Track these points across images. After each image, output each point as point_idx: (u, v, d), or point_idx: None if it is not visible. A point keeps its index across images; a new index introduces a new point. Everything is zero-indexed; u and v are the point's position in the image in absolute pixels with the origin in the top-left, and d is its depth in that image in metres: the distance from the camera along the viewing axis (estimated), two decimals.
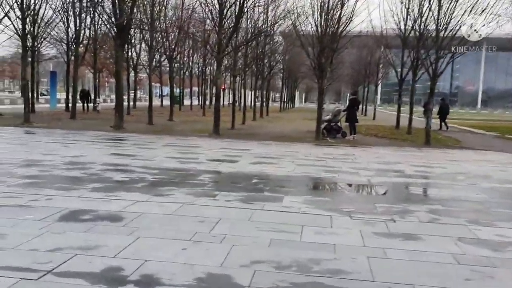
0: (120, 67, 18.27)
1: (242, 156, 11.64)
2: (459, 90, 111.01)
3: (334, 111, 18.63)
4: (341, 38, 17.46)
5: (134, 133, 17.00)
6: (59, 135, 15.27)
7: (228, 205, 6.39)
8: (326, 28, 16.65)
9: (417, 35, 19.70)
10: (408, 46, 21.40)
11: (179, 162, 10.27)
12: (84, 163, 9.53)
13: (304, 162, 11.01)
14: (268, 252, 4.57)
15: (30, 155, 10.32)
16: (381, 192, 8.23)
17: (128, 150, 12.14)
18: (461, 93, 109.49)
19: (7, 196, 6.42)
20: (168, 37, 23.48)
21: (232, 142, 15.32)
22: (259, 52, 24.28)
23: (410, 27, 20.40)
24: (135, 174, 8.46)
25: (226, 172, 9.16)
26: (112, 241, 4.67)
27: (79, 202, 6.24)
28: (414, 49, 20.74)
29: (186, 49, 32.46)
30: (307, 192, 7.65)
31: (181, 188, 7.36)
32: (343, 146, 15.39)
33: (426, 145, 16.77)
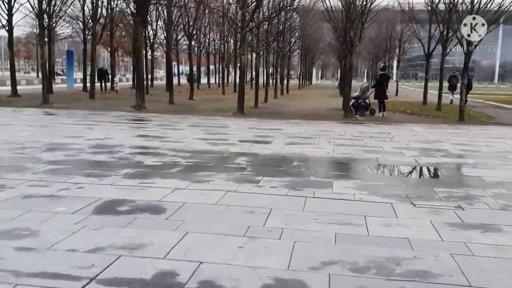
0: (140, 45, 17.62)
1: (274, 136, 11.02)
2: (475, 65, 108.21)
3: (362, 87, 17.86)
4: (370, 11, 16.55)
5: (157, 113, 16.45)
6: (80, 116, 14.77)
7: (275, 193, 5.80)
8: (355, 1, 15.84)
9: (448, 7, 18.70)
10: (437, 19, 20.35)
11: (210, 143, 9.69)
12: (111, 146, 9.00)
13: (341, 142, 10.36)
14: (336, 250, 3.98)
15: (53, 138, 9.82)
16: (435, 175, 7.57)
17: (154, 131, 11.59)
18: (477, 68, 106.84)
19: (35, 185, 5.91)
20: (187, 13, 22.68)
21: (259, 121, 14.69)
22: (280, 29, 23.45)
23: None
24: (167, 158, 7.90)
25: (262, 154, 8.56)
26: (158, 238, 4.12)
27: (113, 190, 5.70)
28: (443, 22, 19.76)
29: (204, 25, 31.54)
30: (356, 176, 7.02)
31: (219, 173, 6.78)
32: (375, 124, 14.69)
33: (460, 121, 16.00)
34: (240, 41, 17.17)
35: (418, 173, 7.66)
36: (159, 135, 10.76)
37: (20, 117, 14.30)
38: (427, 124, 14.89)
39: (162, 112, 17.02)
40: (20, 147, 8.58)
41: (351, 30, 16.24)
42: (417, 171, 7.76)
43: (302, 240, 4.15)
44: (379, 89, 17.49)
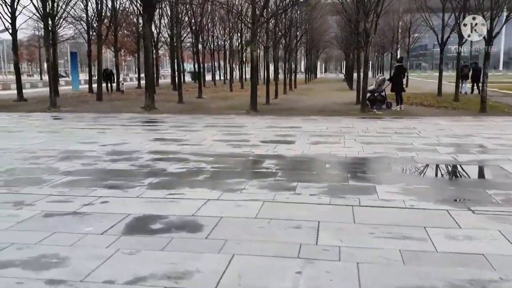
0: (148, 44, 17.11)
1: (296, 135, 10.52)
2: (479, 52, 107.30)
3: (378, 80, 17.32)
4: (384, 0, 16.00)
5: (168, 114, 15.99)
6: (91, 119, 14.31)
7: (317, 201, 5.31)
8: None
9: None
10: (452, 6, 19.75)
11: (232, 145, 9.21)
12: (128, 152, 8.53)
13: (367, 140, 9.85)
14: (408, 272, 3.50)
15: (67, 145, 9.35)
16: (481, 174, 7.07)
17: (170, 133, 11.11)
18: (481, 55, 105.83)
19: (55, 200, 5.44)
20: (193, 9, 22.15)
21: (275, 119, 14.20)
22: (289, 23, 22.93)
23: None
24: (190, 164, 7.42)
25: (289, 156, 8.06)
26: (202, 263, 3.65)
27: (140, 204, 5.23)
28: (459, 9, 19.18)
29: (209, 22, 31.00)
30: (398, 179, 6.51)
31: (250, 180, 6.30)
32: (395, 118, 14.16)
33: (482, 112, 15.44)
34: (251, 36, 16.64)
35: (463, 173, 7.16)
36: (176, 138, 10.28)
37: (29, 122, 13.86)
38: (450, 117, 14.35)
39: (173, 112, 16.55)
40: (33, 156, 8.13)
41: (366, 22, 15.66)
42: (460, 170, 7.26)
43: (365, 261, 3.67)
44: (396, 81, 16.95)
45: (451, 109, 17.02)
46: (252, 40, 16.48)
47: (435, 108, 17.48)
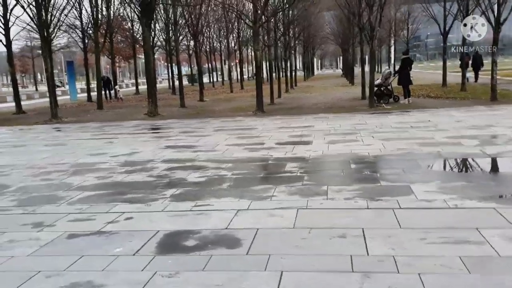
0: (148, 48, 16.79)
1: (311, 135, 10.22)
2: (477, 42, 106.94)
3: (384, 74, 17.02)
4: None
5: (173, 119, 15.68)
6: (96, 129, 13.99)
7: (354, 206, 5.01)
8: None
9: None
10: None
11: (247, 150, 8.91)
12: (142, 162, 8.22)
13: (386, 136, 9.56)
14: (479, 283, 3.20)
15: (77, 158, 9.04)
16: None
17: (180, 140, 10.80)
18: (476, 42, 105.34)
19: (76, 219, 5.14)
20: (190, 11, 21.82)
21: (284, 119, 13.90)
22: (288, 21, 22.63)
23: None
24: (209, 171, 7.11)
25: (311, 158, 7.75)
26: (250, 283, 3.37)
27: (167, 219, 4.93)
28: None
29: (207, 23, 30.67)
30: (431, 176, 6.21)
31: (277, 186, 5.99)
32: (405, 112, 13.88)
33: (494, 101, 15.16)
34: (254, 36, 16.31)
35: (496, 166, 6.86)
36: (188, 144, 9.98)
37: (32, 135, 13.54)
38: (462, 108, 14.06)
39: (178, 117, 16.25)
40: (44, 172, 7.81)
41: (371, 14, 15.36)
42: (493, 163, 6.96)
43: (427, 272, 3.38)
44: (403, 74, 16.66)
45: (460, 99, 16.74)
46: (255, 40, 16.15)
47: (443, 99, 17.20)
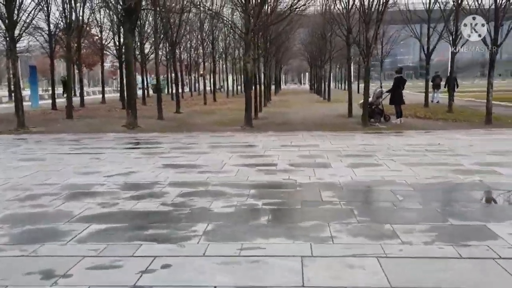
0: (130, 56, 15.56)
1: (324, 156, 9.37)
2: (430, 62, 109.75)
3: (376, 93, 16.45)
4: (385, 11, 15.14)
5: (155, 132, 14.52)
6: (73, 142, 12.66)
7: (445, 254, 4.17)
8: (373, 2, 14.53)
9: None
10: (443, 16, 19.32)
11: (263, 172, 7.95)
12: (146, 184, 7.12)
13: (407, 160, 8.82)
14: None
15: (64, 177, 7.82)
16: None
17: (177, 157, 9.70)
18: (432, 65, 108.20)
19: (96, 265, 4.04)
20: (169, 19, 20.74)
21: (279, 135, 13.05)
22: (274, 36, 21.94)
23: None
24: (234, 200, 6.11)
25: (342, 185, 6.87)
26: None
27: (219, 270, 3.93)
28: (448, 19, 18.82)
29: (187, 32, 29.56)
30: (502, 213, 5.43)
31: (329, 222, 5.08)
32: (403, 132, 13.31)
33: (488, 124, 14.84)
34: (245, 47, 15.41)
35: None
36: (189, 163, 8.92)
37: (1, 147, 12.06)
38: (461, 130, 13.65)
39: (159, 130, 15.09)
40: (31, 196, 6.59)
41: (367, 31, 14.79)
42: None
43: None
44: (395, 93, 16.13)
45: (451, 121, 16.35)
46: (246, 51, 15.24)
47: (434, 120, 16.79)
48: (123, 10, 14.92)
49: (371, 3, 14.42)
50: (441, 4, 20.06)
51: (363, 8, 14.64)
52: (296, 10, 16.77)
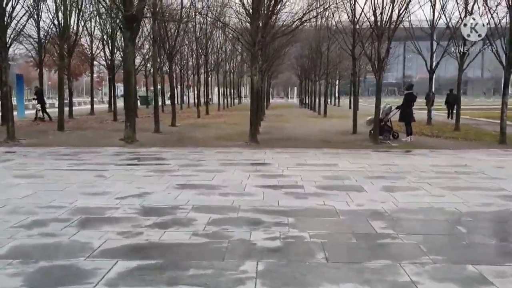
0: (130, 66, 14.70)
1: (350, 178, 8.69)
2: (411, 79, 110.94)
3: (385, 110, 15.83)
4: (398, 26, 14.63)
5: (156, 147, 13.69)
6: (70, 156, 11.76)
7: None
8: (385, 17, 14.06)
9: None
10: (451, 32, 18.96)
11: (290, 195, 7.23)
12: (166, 209, 6.32)
13: (443, 183, 8.18)
14: None
15: (71, 197, 6.98)
16: None
17: (190, 176, 8.91)
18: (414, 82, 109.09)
19: None
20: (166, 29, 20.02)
21: (289, 152, 12.36)
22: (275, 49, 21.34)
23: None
24: (274, 230, 5.38)
25: (390, 213, 6.16)
26: None
27: None
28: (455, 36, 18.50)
29: (184, 44, 28.82)
30: None
31: (399, 262, 4.34)
32: (421, 151, 12.75)
33: (503, 144, 14.34)
34: (251, 59, 14.71)
35: None
36: (206, 183, 8.14)
37: None
38: (478, 150, 13.09)
39: (159, 144, 14.26)
40: (37, 221, 5.74)
41: (380, 44, 14.26)
42: None
43: None
44: (405, 110, 15.57)
45: (461, 139, 15.81)
46: (252, 63, 14.55)
47: (443, 138, 16.24)
48: (123, 17, 14.11)
49: (386, 17, 13.86)
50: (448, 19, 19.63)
51: (376, 22, 14.08)
52: (306, 22, 16.14)
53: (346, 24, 18.39)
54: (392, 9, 14.08)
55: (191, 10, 18.94)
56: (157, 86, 20.66)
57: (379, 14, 14.10)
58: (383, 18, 14.13)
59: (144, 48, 34.14)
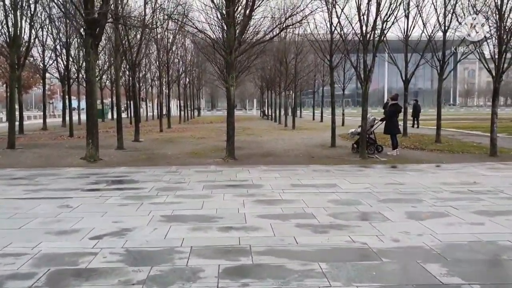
0: (93, 76, 13.11)
1: (361, 202, 7.55)
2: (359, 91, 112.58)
3: (369, 121, 14.87)
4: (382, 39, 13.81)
5: (123, 166, 12.23)
6: (26, 181, 10.12)
7: None
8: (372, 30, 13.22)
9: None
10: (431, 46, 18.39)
11: (304, 228, 6.00)
12: (158, 253, 5.01)
13: (470, 207, 7.20)
14: None
15: (33, 239, 5.54)
16: None
17: (173, 203, 7.56)
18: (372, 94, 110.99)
19: None
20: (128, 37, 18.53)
21: (275, 170, 11.20)
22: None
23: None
24: (314, 284, 4.09)
25: (437, 250, 5.05)
26: None
27: None
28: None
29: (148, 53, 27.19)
30: None
31: None
32: (416, 166, 11.88)
33: (493, 156, 13.71)
34: (227, 68, 13.44)
35: None
36: (196, 213, 6.83)
37: None
38: (475, 164, 12.32)
39: (127, 163, 12.79)
40: None
41: (365, 54, 13.35)
42: None
43: None
44: (390, 122, 14.70)
45: (448, 152, 15.07)
46: (229, 73, 13.29)
47: (429, 151, 15.45)
48: (85, 22, 12.58)
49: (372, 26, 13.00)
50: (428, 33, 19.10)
51: (362, 31, 13.18)
52: (289, 27, 15.03)
53: (322, 32, 17.50)
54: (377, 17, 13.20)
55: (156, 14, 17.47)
56: (119, 98, 19.00)
57: (364, 22, 13.18)
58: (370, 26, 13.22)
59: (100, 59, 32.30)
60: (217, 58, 16.29)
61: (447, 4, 17.14)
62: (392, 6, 13.10)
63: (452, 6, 16.62)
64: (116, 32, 17.00)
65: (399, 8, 13.50)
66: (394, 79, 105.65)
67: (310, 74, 37.42)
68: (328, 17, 15.76)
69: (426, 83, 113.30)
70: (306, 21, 14.15)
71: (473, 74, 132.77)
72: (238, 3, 12.91)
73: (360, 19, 13.10)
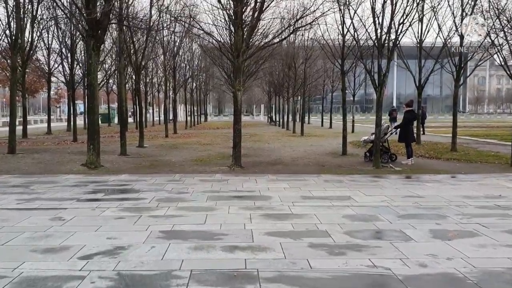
0: (95, 80, 12.59)
1: (380, 218, 6.90)
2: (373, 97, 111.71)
3: (382, 128, 14.21)
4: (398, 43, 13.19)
5: (125, 174, 11.66)
6: (21, 189, 9.58)
7: None
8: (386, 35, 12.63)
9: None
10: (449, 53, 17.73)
11: (318, 249, 5.37)
12: (153, 279, 4.40)
13: (501, 225, 6.55)
14: None
15: (16, 259, 5.00)
16: None
17: (174, 217, 6.97)
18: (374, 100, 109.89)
19: None
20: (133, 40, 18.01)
21: (284, 180, 10.59)
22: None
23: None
24: None
25: (472, 279, 4.41)
26: None
27: None
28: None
29: (153, 57, 26.68)
30: None
31: None
32: (434, 177, 11.18)
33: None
34: (234, 72, 12.87)
35: None
36: (199, 229, 6.23)
37: None
38: (496, 175, 11.62)
39: (129, 171, 12.22)
40: None
41: (380, 58, 12.74)
42: None
43: None
44: (405, 130, 14.04)
45: (464, 162, 14.38)
46: (236, 77, 12.71)
47: (444, 160, 14.74)
48: (86, 23, 12.06)
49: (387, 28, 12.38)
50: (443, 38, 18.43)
51: (376, 34, 12.56)
52: (299, 29, 14.44)
53: (333, 35, 16.93)
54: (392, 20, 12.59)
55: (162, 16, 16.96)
56: (123, 102, 18.46)
57: (379, 25, 12.57)
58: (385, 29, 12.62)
59: (106, 63, 31.90)
60: (224, 62, 15.78)
61: (464, 7, 16.46)
62: (408, 8, 12.46)
63: (470, 7, 15.96)
64: (120, 34, 16.48)
65: (416, 10, 12.84)
66: (403, 85, 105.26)
67: (319, 79, 36.85)
68: (340, 19, 15.20)
69: (435, 89, 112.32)
70: (317, 22, 13.42)
71: (483, 81, 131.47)
72: (247, 3, 12.31)
73: (375, 21, 12.47)
